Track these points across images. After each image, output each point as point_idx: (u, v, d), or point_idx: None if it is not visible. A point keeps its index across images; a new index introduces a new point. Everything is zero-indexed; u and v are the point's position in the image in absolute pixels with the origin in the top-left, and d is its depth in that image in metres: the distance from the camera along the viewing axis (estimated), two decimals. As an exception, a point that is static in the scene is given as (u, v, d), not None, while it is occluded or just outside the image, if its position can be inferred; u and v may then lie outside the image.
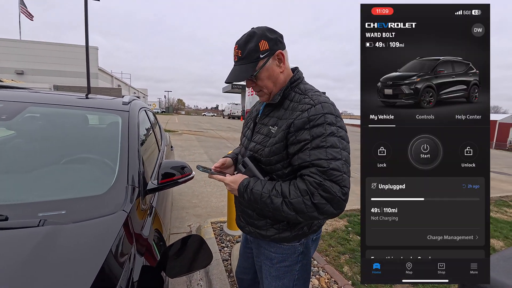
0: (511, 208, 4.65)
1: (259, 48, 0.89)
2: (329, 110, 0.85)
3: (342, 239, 2.87)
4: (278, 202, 0.83)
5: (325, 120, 0.83)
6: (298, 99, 0.91)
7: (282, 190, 0.84)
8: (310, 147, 0.82)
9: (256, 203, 0.88)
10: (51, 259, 0.69)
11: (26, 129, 1.38)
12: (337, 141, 0.82)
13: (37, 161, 1.20)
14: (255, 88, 0.99)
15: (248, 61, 0.90)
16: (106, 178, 1.12)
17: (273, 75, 0.93)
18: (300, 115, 0.85)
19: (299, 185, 0.82)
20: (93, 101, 1.65)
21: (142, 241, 0.95)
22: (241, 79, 0.91)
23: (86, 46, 8.37)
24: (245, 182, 0.91)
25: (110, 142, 1.34)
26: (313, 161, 0.80)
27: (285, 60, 0.95)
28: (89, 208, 0.93)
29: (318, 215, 0.80)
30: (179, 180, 1.30)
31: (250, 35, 0.91)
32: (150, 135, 2.05)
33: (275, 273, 1.02)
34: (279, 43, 0.93)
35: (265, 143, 0.93)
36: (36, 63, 22.82)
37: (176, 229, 3.03)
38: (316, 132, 0.82)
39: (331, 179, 0.78)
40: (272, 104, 0.98)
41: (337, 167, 0.79)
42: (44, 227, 0.79)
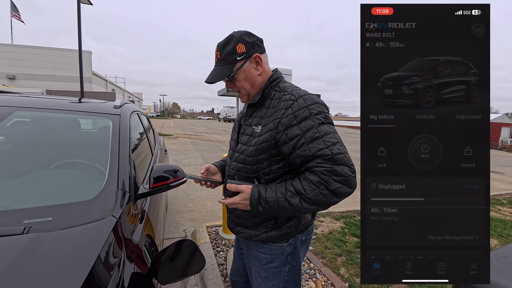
0: (504, 206, 4.71)
1: (236, 50, 0.93)
2: (311, 101, 0.88)
3: (338, 240, 2.86)
4: (296, 201, 0.83)
5: (310, 112, 0.85)
6: (277, 96, 0.95)
7: (296, 188, 0.84)
8: (306, 142, 0.83)
9: (274, 211, 0.86)
10: (34, 268, 0.66)
11: (13, 134, 1.34)
12: (328, 128, 0.85)
13: (25, 167, 1.16)
14: (234, 89, 1.02)
15: (225, 62, 0.95)
16: (95, 183, 1.10)
17: (250, 77, 0.97)
18: (285, 112, 0.87)
19: (311, 178, 0.82)
20: (83, 105, 1.62)
21: (132, 247, 0.92)
22: (217, 79, 0.96)
23: (79, 50, 8.29)
24: (256, 194, 0.88)
25: (100, 146, 1.32)
26: (315, 154, 0.82)
27: (262, 63, 0.98)
28: (77, 214, 0.91)
29: (337, 198, 0.82)
30: (171, 184, 1.28)
31: (229, 38, 0.95)
32: (142, 139, 2.02)
33: (264, 274, 1.02)
34: (256, 46, 0.96)
35: (250, 143, 0.96)
36: (28, 68, 22.52)
37: (171, 234, 2.99)
38: (305, 125, 0.84)
39: (339, 163, 0.81)
40: (253, 104, 1.01)
41: (339, 150, 0.82)
42: (29, 235, 0.76)
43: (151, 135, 2.63)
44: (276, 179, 0.93)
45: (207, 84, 1.03)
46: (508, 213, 4.30)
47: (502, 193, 5.68)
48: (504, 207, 4.64)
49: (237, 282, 1.29)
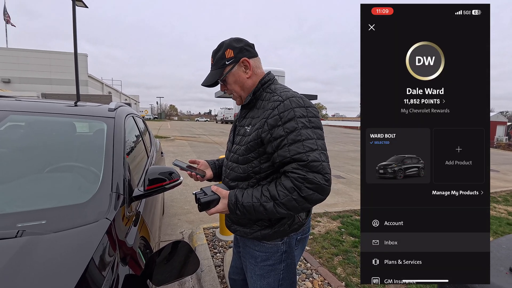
0: (499, 203, 4.75)
1: (225, 56, 1.00)
2: (297, 103, 0.90)
3: (335, 240, 2.87)
4: (271, 206, 0.86)
5: (294, 114, 0.87)
6: (268, 97, 0.98)
7: (271, 194, 0.87)
8: (287, 143, 0.86)
9: (250, 214, 0.90)
10: (27, 271, 0.66)
11: (7, 138, 1.34)
12: (311, 132, 0.87)
13: (19, 170, 1.16)
14: (228, 92, 1.08)
15: (217, 67, 1.02)
16: (90, 185, 1.10)
17: (239, 79, 1.02)
18: (271, 113, 0.90)
19: (285, 184, 0.85)
20: (78, 108, 1.62)
21: (126, 249, 0.93)
22: (209, 82, 1.04)
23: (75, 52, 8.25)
24: (233, 199, 0.92)
25: (95, 149, 1.32)
26: (293, 156, 0.84)
27: (251, 67, 1.02)
28: (71, 217, 0.91)
29: (309, 204, 0.85)
30: (166, 186, 1.28)
31: (220, 45, 1.03)
32: (138, 142, 2.02)
33: (259, 272, 1.04)
34: (245, 51, 1.01)
35: (241, 143, 1.00)
36: (23, 71, 22.35)
37: (168, 236, 2.99)
38: (288, 127, 0.86)
39: (313, 170, 0.82)
40: (246, 106, 1.05)
41: (316, 158, 0.83)
42: (22, 238, 0.76)
43: (147, 138, 2.62)
44: (267, 177, 0.96)
45: (202, 86, 1.07)
46: (503, 211, 4.34)
47: (498, 191, 5.73)
48: (499, 205, 4.68)
49: (236, 280, 1.30)
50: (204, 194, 0.95)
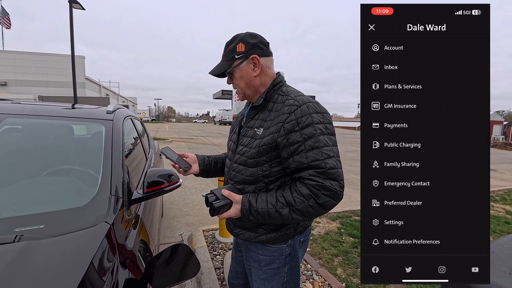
0: (497, 203, 4.78)
1: (236, 49, 0.97)
2: (315, 109, 0.89)
3: (335, 241, 2.87)
4: (286, 212, 0.86)
5: (312, 120, 0.86)
6: (281, 100, 0.95)
7: (286, 200, 0.86)
8: (305, 149, 0.85)
9: (264, 220, 0.89)
10: (25, 276, 0.65)
11: (4, 142, 1.33)
12: (328, 139, 0.87)
13: (16, 174, 1.15)
14: (233, 86, 1.05)
15: (226, 59, 1.00)
16: (88, 189, 1.09)
17: (245, 76, 0.99)
18: (288, 117, 0.88)
19: (302, 191, 0.84)
20: (76, 111, 1.61)
21: (126, 253, 0.92)
22: (216, 72, 1.02)
23: (72, 55, 8.22)
24: (247, 205, 0.90)
25: (93, 152, 1.31)
26: (310, 163, 0.83)
27: (261, 65, 0.98)
28: (69, 221, 0.90)
29: (324, 210, 0.85)
30: (166, 189, 1.27)
31: (234, 37, 1.00)
32: (136, 144, 2.01)
33: (264, 276, 1.03)
34: (257, 48, 0.97)
35: (251, 145, 0.96)
36: (20, 74, 22.22)
37: (167, 238, 2.97)
38: (306, 133, 0.85)
39: (330, 178, 0.83)
40: (256, 107, 1.02)
41: (333, 165, 0.83)
42: (20, 243, 0.75)
43: (145, 140, 2.61)
44: (276, 181, 0.94)
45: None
46: (501, 209, 4.36)
47: (495, 190, 5.77)
48: (497, 204, 4.71)
49: (236, 285, 1.28)
50: (216, 198, 0.91)
